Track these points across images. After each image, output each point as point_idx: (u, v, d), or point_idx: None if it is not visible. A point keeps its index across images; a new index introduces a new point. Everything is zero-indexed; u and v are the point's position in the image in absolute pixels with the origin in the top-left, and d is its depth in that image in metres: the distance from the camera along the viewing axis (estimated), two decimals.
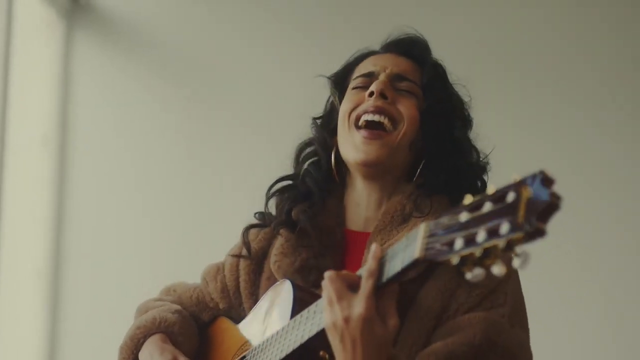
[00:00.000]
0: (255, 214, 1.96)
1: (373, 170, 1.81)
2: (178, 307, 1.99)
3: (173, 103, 3.81)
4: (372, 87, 1.81)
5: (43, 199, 3.77)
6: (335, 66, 3.91)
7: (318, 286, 1.80)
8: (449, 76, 1.90)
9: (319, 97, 3.83)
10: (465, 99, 1.90)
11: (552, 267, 3.51)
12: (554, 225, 1.26)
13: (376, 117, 1.79)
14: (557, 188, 1.23)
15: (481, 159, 1.87)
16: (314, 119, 1.98)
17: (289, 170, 1.97)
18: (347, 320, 1.48)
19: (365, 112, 1.80)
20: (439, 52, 1.98)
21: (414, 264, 1.42)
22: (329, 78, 1.96)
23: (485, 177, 1.86)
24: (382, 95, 1.80)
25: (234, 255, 1.96)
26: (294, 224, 1.87)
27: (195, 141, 3.79)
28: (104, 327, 3.66)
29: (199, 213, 3.76)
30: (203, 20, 3.86)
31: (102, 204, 3.79)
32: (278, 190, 1.94)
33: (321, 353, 1.62)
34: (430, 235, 1.38)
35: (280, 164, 1.97)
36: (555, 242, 3.00)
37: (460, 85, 1.90)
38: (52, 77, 3.80)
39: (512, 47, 3.76)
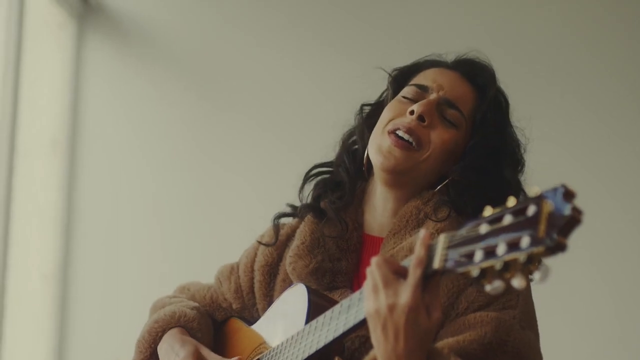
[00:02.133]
0: (287, 204, 1.98)
1: (392, 177, 1.82)
2: (195, 303, 2.01)
3: (184, 105, 3.80)
4: (416, 106, 1.82)
5: (52, 201, 3.77)
6: (343, 65, 3.89)
7: (332, 289, 1.81)
8: (510, 113, 1.89)
9: (325, 96, 3.84)
10: (522, 141, 1.89)
11: (558, 269, 3.49)
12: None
13: (405, 136, 1.80)
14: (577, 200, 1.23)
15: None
16: (363, 105, 1.97)
17: (297, 168, 1.98)
18: (392, 308, 1.42)
19: (399, 128, 1.81)
20: (447, 52, 1.97)
21: (434, 274, 1.41)
22: (389, 74, 1.96)
23: None
24: (420, 118, 1.81)
25: (258, 242, 1.97)
26: (321, 212, 1.88)
27: (206, 144, 3.78)
28: (112, 329, 3.66)
29: (209, 217, 3.75)
30: (214, 21, 3.85)
31: (111, 207, 3.78)
32: (313, 176, 1.95)
33: (336, 359, 1.62)
34: (450, 246, 1.38)
35: (288, 161, 1.97)
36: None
37: (519, 128, 1.89)
38: (63, 79, 3.80)
39: (525, 48, 3.75)
